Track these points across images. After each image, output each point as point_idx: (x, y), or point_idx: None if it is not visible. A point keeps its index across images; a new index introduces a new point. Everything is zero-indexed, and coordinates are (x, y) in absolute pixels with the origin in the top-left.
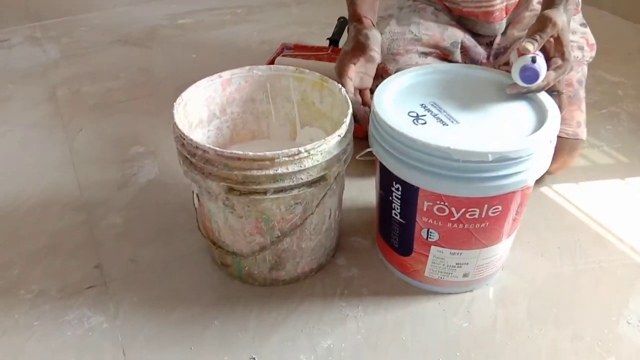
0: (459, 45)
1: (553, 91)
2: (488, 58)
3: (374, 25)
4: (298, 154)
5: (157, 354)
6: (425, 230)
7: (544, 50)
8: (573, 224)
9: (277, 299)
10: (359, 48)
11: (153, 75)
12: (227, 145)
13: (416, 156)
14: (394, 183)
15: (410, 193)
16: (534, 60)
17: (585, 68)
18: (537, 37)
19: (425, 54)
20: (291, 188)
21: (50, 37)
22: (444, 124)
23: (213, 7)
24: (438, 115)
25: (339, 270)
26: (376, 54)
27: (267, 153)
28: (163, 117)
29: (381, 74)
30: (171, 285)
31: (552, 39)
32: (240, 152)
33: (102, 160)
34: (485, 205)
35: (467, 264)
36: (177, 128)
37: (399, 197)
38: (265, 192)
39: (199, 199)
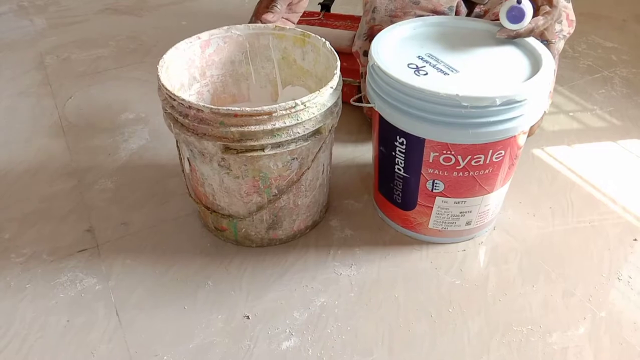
0: (454, 9)
1: (543, 40)
2: None
3: None
4: (295, 106)
5: (150, 314)
6: (431, 181)
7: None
8: (565, 185)
9: (271, 259)
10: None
11: (143, 43)
12: None
13: (423, 107)
14: (397, 137)
15: (415, 145)
16: (519, 1)
17: (562, 43)
18: None
19: (422, 16)
20: (288, 143)
21: (38, 6)
22: (445, 73)
23: None
24: (437, 66)
25: (332, 231)
26: (278, 7)
27: (265, 107)
28: (153, 84)
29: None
30: (163, 248)
31: None
32: (237, 108)
33: (93, 127)
34: (490, 151)
35: (470, 211)
36: (166, 89)
37: (403, 150)
38: (262, 149)
39: (190, 164)
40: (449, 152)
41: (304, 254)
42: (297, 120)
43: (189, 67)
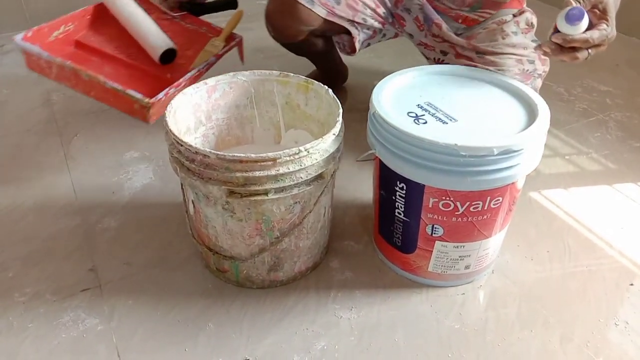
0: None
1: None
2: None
3: None
4: (298, 153)
5: (152, 356)
6: (430, 226)
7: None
8: (562, 229)
9: (271, 301)
10: None
11: None
12: None
13: (423, 155)
14: (397, 182)
15: (415, 191)
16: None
17: (539, 82)
18: (581, 0)
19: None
20: (291, 187)
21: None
22: (444, 122)
23: None
24: (436, 115)
25: (332, 273)
26: None
27: (269, 154)
28: (157, 123)
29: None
30: (165, 289)
31: (597, 11)
32: (242, 155)
33: (97, 165)
34: (488, 198)
35: (469, 255)
36: (173, 134)
37: (403, 195)
38: (266, 193)
39: (194, 206)
40: (448, 198)
41: (304, 296)
42: (301, 166)
43: (196, 111)
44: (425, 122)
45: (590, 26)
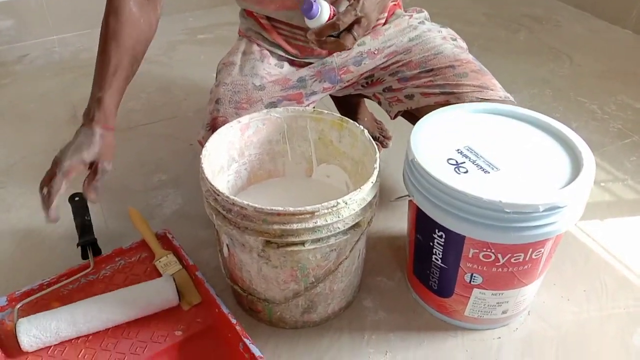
0: (306, 78)
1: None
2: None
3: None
4: (336, 205)
5: None
6: (469, 274)
7: None
8: (598, 265)
9: (305, 343)
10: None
11: (173, 96)
12: (245, 187)
13: (465, 208)
14: (436, 230)
15: (455, 241)
16: None
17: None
18: None
19: (273, 104)
20: (328, 237)
21: (70, 52)
22: (485, 171)
23: (232, 21)
24: (477, 162)
25: (365, 313)
26: (108, 165)
27: (307, 207)
28: (184, 142)
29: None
30: None
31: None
32: (280, 208)
33: (127, 189)
34: (530, 250)
35: (507, 302)
36: (209, 182)
37: (442, 243)
38: (303, 243)
39: (228, 249)
40: (489, 250)
41: (337, 339)
42: (338, 217)
43: (229, 150)
44: (467, 172)
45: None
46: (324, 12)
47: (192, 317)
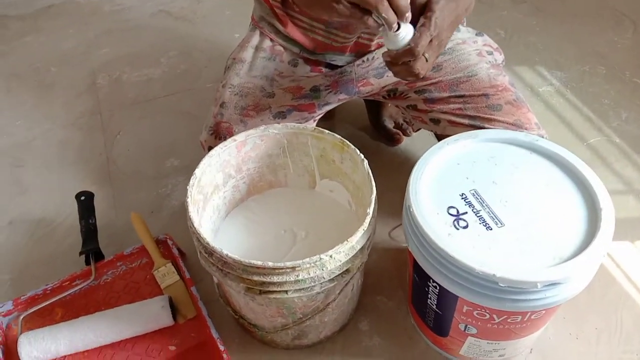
0: (321, 88)
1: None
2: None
3: None
4: (320, 260)
5: None
6: (463, 325)
7: None
8: (618, 298)
9: None
10: None
11: (194, 62)
12: (244, 199)
13: (458, 272)
14: (431, 280)
15: (449, 295)
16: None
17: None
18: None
19: (282, 114)
20: (312, 287)
21: (93, 3)
22: (488, 227)
23: None
24: (480, 214)
25: (360, 337)
26: None
27: (287, 264)
28: (198, 122)
29: (224, 135)
30: None
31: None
32: (259, 262)
33: (138, 175)
34: (529, 314)
35: (504, 349)
36: (192, 226)
37: (436, 293)
38: (286, 292)
39: (217, 279)
40: (483, 310)
41: None
42: (322, 270)
43: (224, 168)
44: (466, 227)
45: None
46: (407, 37)
47: (186, 332)
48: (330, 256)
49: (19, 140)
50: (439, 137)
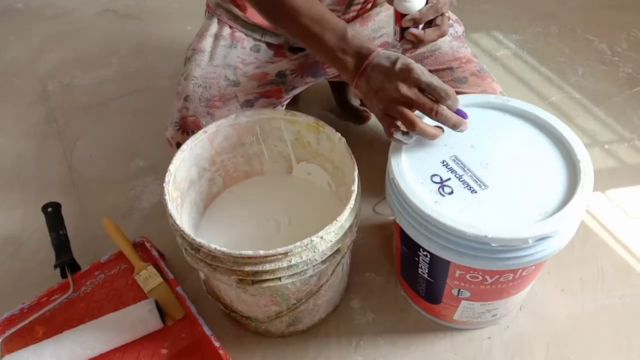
0: (287, 73)
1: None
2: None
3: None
4: (311, 242)
5: None
6: (456, 289)
7: None
8: (597, 248)
9: (292, 352)
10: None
11: (146, 59)
12: (221, 192)
13: (449, 238)
14: (421, 249)
15: (440, 262)
16: None
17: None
18: None
19: (249, 102)
20: (305, 270)
21: (33, 9)
22: (472, 190)
23: None
24: (463, 178)
25: (353, 315)
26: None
27: (279, 249)
28: (159, 119)
29: (192, 129)
30: None
31: None
32: (250, 252)
33: (103, 180)
34: (520, 271)
35: (496, 309)
36: (175, 224)
37: (427, 262)
38: (279, 279)
39: (205, 275)
40: (476, 272)
41: (325, 346)
42: (314, 252)
43: (198, 162)
44: (452, 192)
45: None
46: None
47: (176, 333)
48: (321, 237)
49: None
50: None
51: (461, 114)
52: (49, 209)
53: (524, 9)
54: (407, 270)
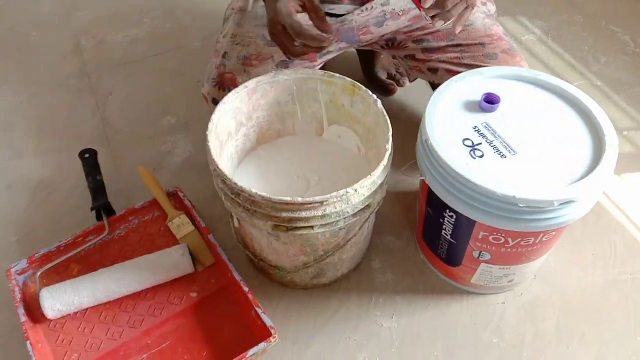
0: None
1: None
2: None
3: None
4: (346, 194)
5: None
6: (478, 252)
7: None
8: (610, 226)
9: (315, 305)
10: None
11: (179, 21)
12: (255, 148)
13: (478, 198)
14: (447, 211)
15: (466, 222)
16: None
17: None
18: None
19: (284, 62)
20: (337, 222)
21: None
22: (502, 155)
23: None
24: (494, 144)
25: (374, 275)
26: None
27: (317, 198)
28: (191, 79)
29: (228, 86)
30: None
31: None
32: (288, 199)
33: (136, 134)
34: (541, 235)
35: (514, 274)
36: (218, 168)
37: (452, 223)
38: (312, 227)
39: (239, 222)
40: (499, 234)
41: (346, 300)
42: (348, 204)
43: (236, 115)
44: (482, 156)
45: None
46: None
47: (206, 279)
48: (356, 190)
49: (6, 105)
50: (435, 87)
51: (493, 97)
52: (87, 155)
53: None
54: (429, 232)
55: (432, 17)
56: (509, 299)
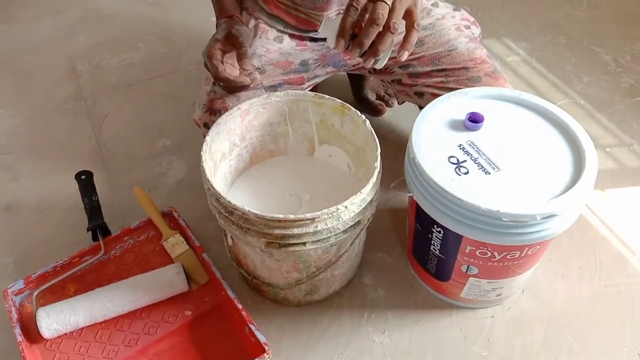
0: (309, 62)
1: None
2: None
3: (242, 22)
4: (337, 210)
5: None
6: (466, 266)
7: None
8: (595, 240)
9: (308, 320)
10: (231, 40)
11: (173, 46)
12: (247, 168)
13: (463, 213)
14: (435, 226)
15: (453, 237)
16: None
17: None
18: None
19: (273, 87)
20: (328, 238)
21: None
22: (486, 172)
23: None
24: (479, 161)
25: (365, 290)
26: (248, 50)
27: (308, 215)
28: (185, 102)
29: (219, 110)
30: None
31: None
32: (281, 216)
33: (131, 156)
34: (526, 249)
35: (502, 288)
36: (212, 187)
37: (440, 238)
38: (304, 244)
39: (232, 240)
40: (485, 248)
41: (338, 316)
42: (339, 220)
43: (230, 136)
44: (467, 172)
45: None
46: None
47: (200, 297)
48: (346, 207)
49: (3, 128)
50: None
51: (477, 116)
52: (83, 177)
53: (533, 19)
54: (418, 248)
55: (362, 56)
56: (498, 312)
